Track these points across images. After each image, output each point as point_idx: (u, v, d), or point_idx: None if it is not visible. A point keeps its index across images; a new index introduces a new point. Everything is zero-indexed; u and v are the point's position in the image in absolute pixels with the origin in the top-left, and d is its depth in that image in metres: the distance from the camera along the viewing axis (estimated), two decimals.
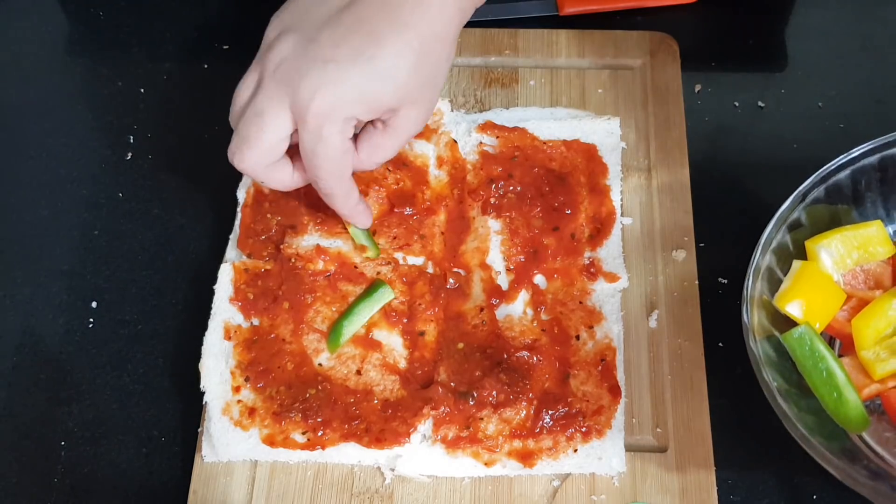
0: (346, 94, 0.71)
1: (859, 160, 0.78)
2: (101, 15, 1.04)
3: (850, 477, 0.67)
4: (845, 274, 0.78)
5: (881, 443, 0.73)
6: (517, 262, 0.84)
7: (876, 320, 0.74)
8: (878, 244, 0.78)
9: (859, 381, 0.74)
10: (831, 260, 0.77)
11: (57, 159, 0.95)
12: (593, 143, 0.89)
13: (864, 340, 0.74)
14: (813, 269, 0.76)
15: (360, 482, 0.77)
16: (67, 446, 0.81)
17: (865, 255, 0.77)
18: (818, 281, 0.75)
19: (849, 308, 0.77)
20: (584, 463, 0.76)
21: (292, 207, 0.86)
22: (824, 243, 0.77)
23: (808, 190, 0.77)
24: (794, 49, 0.98)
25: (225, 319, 0.82)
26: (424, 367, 0.80)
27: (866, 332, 0.74)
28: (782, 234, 0.77)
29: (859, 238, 0.77)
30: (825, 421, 0.72)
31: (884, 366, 0.73)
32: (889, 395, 0.73)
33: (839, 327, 0.76)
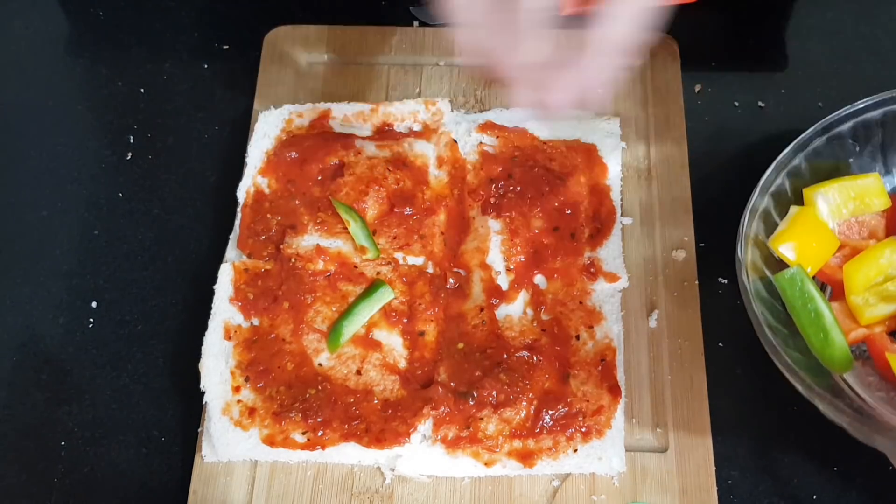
0: None
1: (862, 113, 0.79)
2: (101, 15, 1.04)
3: (835, 406, 0.68)
4: (840, 223, 0.79)
5: (864, 386, 0.75)
6: (517, 262, 0.84)
7: (867, 267, 0.75)
8: (874, 195, 0.79)
9: (847, 325, 0.75)
10: (828, 208, 0.78)
11: (57, 159, 0.95)
12: (593, 143, 0.89)
13: (854, 285, 0.75)
14: (809, 214, 0.77)
15: (360, 482, 0.77)
16: (67, 446, 0.81)
17: (861, 205, 0.78)
18: (813, 226, 0.77)
19: (841, 255, 0.77)
20: (584, 463, 0.76)
21: (292, 207, 0.86)
22: (822, 191, 0.78)
23: (810, 138, 0.78)
24: (794, 49, 0.98)
25: (225, 319, 0.82)
26: (424, 367, 0.80)
27: (857, 277, 0.75)
28: (781, 179, 0.78)
29: (856, 189, 0.78)
30: (811, 360, 0.74)
31: (872, 311, 0.74)
32: (875, 339, 0.75)
33: (831, 273, 0.77)
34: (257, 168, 0.89)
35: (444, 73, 0.96)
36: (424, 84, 0.95)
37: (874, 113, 0.78)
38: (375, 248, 0.84)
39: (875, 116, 0.79)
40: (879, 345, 0.74)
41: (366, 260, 0.84)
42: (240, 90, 0.97)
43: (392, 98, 0.94)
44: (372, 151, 0.88)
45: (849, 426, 0.68)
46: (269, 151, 0.90)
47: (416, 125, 0.91)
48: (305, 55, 0.97)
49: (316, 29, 0.99)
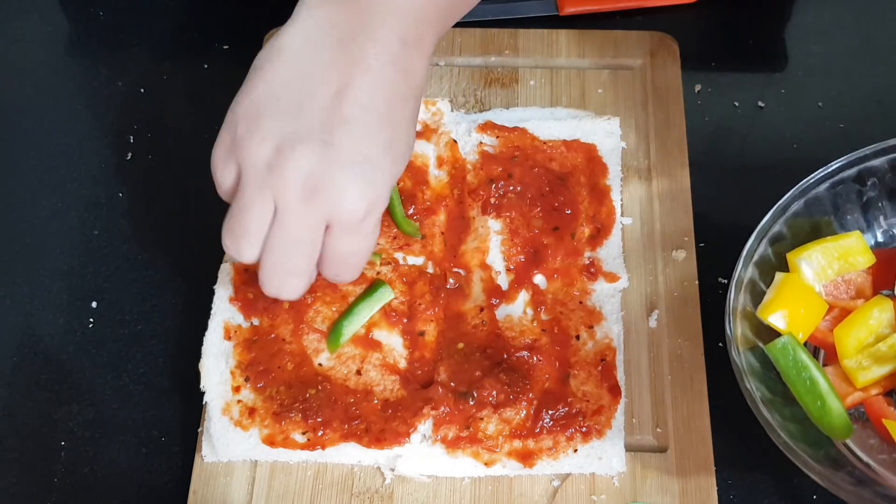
0: (386, 183, 0.70)
1: (837, 173, 0.79)
2: (101, 15, 1.04)
3: (834, 483, 0.68)
4: (827, 284, 0.79)
5: (865, 450, 0.74)
6: (517, 262, 0.84)
7: (857, 329, 0.75)
8: (857, 254, 0.78)
9: (842, 390, 0.74)
10: (812, 271, 0.78)
11: (57, 159, 0.95)
12: (593, 143, 0.89)
13: (846, 349, 0.75)
14: (795, 280, 0.77)
15: (360, 482, 0.77)
16: (67, 446, 0.81)
17: (846, 265, 0.78)
18: (800, 292, 0.76)
19: (831, 318, 0.77)
20: (584, 463, 0.76)
21: None
22: (805, 255, 0.77)
23: (788, 203, 0.78)
24: (794, 49, 0.98)
25: (225, 319, 0.82)
26: (424, 367, 0.80)
27: (848, 340, 0.75)
28: (764, 247, 0.78)
29: (839, 249, 0.78)
30: (809, 429, 0.73)
31: (866, 374, 0.74)
32: (872, 403, 0.74)
33: (822, 337, 0.77)
34: None
35: (444, 73, 0.96)
36: None
37: (849, 171, 0.79)
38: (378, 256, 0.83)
39: (850, 174, 0.79)
40: (877, 409, 0.74)
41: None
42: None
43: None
44: None
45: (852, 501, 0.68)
46: None
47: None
48: None
49: None
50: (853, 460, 0.73)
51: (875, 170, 0.79)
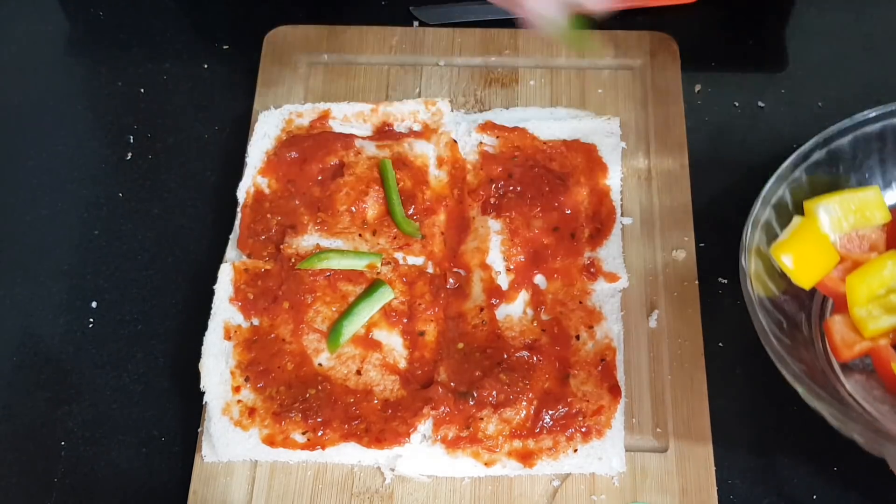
0: None
1: (861, 126, 0.79)
2: (101, 15, 1.04)
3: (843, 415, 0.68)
4: (842, 237, 0.79)
5: (869, 399, 0.75)
6: (517, 262, 0.84)
7: (871, 279, 0.75)
8: (874, 209, 0.79)
9: (850, 338, 0.75)
10: (829, 220, 0.78)
11: (57, 159, 0.95)
12: (593, 143, 0.89)
13: (857, 298, 0.75)
14: (811, 225, 0.77)
15: (360, 482, 0.77)
16: (67, 446, 0.81)
17: (862, 218, 0.78)
18: (814, 237, 0.77)
19: (843, 268, 0.77)
20: (584, 463, 0.76)
21: (292, 207, 0.86)
22: (823, 203, 0.78)
23: (810, 151, 0.78)
24: (794, 49, 0.98)
25: (225, 319, 0.82)
26: (424, 367, 0.80)
27: (860, 289, 0.75)
28: (783, 191, 0.78)
29: (857, 202, 0.78)
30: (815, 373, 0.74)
31: (875, 323, 0.74)
32: (879, 351, 0.74)
33: (833, 286, 0.77)
34: (257, 168, 0.89)
35: (444, 73, 0.96)
36: (424, 84, 0.95)
37: (873, 126, 0.79)
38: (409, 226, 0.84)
39: (874, 129, 0.79)
40: (884, 357, 0.74)
41: (367, 268, 0.83)
42: (240, 90, 0.97)
43: (392, 98, 0.94)
44: (372, 151, 0.88)
45: (859, 435, 0.68)
46: (269, 151, 0.90)
47: (416, 125, 0.91)
48: (305, 55, 0.97)
49: (316, 29, 0.99)
50: (857, 408, 0.74)
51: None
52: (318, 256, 0.83)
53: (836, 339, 0.76)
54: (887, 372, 0.73)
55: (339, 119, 0.92)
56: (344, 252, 0.84)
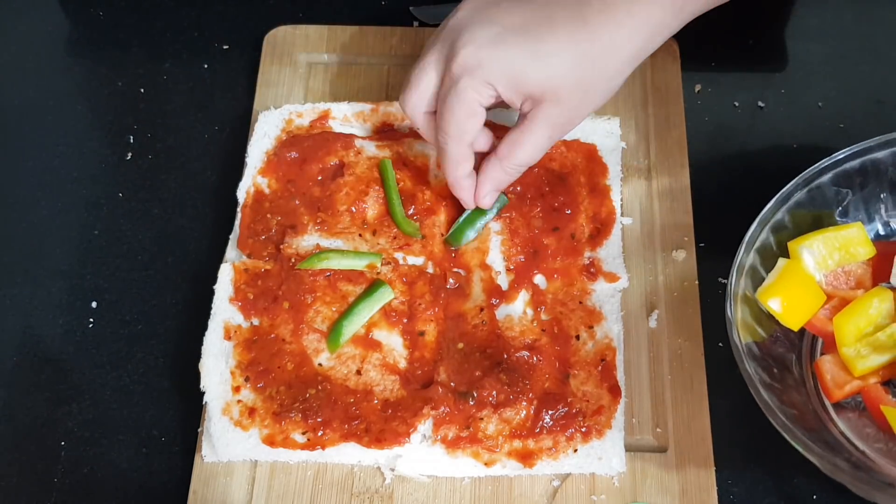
0: (496, 61, 0.71)
1: (841, 164, 0.79)
2: (101, 15, 1.04)
3: (833, 465, 0.68)
4: (827, 274, 0.79)
5: (861, 438, 0.75)
6: (517, 262, 0.84)
7: (857, 318, 0.75)
8: (858, 245, 0.79)
9: (840, 378, 0.75)
10: (813, 260, 0.78)
11: (57, 159, 0.95)
12: (593, 143, 0.89)
13: (845, 338, 0.75)
14: (796, 267, 0.77)
15: (360, 482, 0.77)
16: (67, 446, 0.81)
17: (847, 255, 0.79)
18: (800, 279, 0.77)
19: (830, 307, 0.78)
20: (584, 463, 0.76)
21: (292, 207, 0.86)
22: (807, 244, 0.78)
23: (791, 192, 0.78)
24: (794, 49, 0.98)
25: (225, 319, 0.82)
26: (424, 367, 0.80)
27: (848, 329, 0.75)
28: (766, 235, 0.78)
29: (840, 239, 0.78)
30: (807, 415, 0.74)
31: (864, 362, 0.74)
32: (870, 390, 0.75)
33: (821, 325, 0.77)
34: (257, 168, 0.89)
35: None
36: None
37: (853, 163, 0.79)
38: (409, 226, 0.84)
39: (853, 166, 0.79)
40: (874, 397, 0.74)
41: (367, 267, 0.83)
42: (240, 90, 0.97)
43: (392, 98, 0.94)
44: (372, 151, 0.88)
45: (849, 483, 0.69)
46: (269, 151, 0.90)
47: None
48: (305, 55, 0.97)
49: (316, 29, 0.99)
50: (849, 448, 0.74)
51: (878, 162, 0.79)
52: (318, 256, 0.83)
53: (827, 379, 0.76)
54: (877, 411, 0.73)
55: (339, 119, 0.92)
56: (344, 252, 0.84)
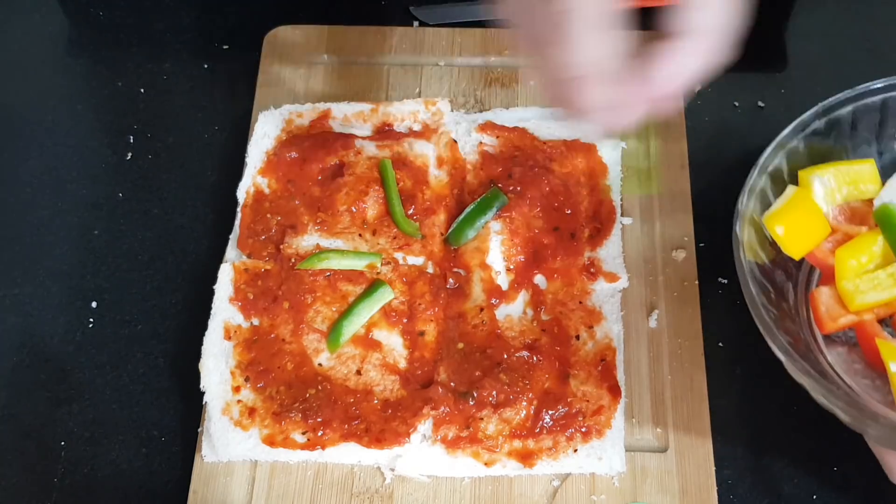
0: None
1: (862, 98, 0.79)
2: (101, 15, 1.04)
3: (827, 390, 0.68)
4: (834, 208, 0.79)
5: (849, 372, 0.75)
6: (517, 262, 0.84)
7: (860, 253, 0.75)
8: (868, 181, 0.79)
9: (835, 311, 0.75)
10: (823, 191, 0.78)
11: (57, 159, 0.95)
12: (593, 143, 0.89)
13: (845, 271, 0.75)
14: (804, 196, 0.77)
15: (360, 482, 0.77)
16: (67, 446, 0.81)
17: (855, 191, 0.78)
18: (807, 208, 0.77)
19: (834, 240, 0.77)
20: (584, 463, 0.76)
21: (292, 207, 0.86)
22: (818, 174, 0.78)
23: (809, 120, 0.78)
24: (794, 49, 0.98)
25: (225, 319, 0.82)
26: (424, 367, 0.80)
27: (849, 263, 0.75)
28: (780, 159, 0.78)
29: (852, 174, 0.78)
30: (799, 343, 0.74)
31: (862, 297, 0.74)
32: (864, 325, 0.75)
33: (822, 257, 0.77)
34: (257, 168, 0.89)
35: (444, 73, 0.96)
36: (424, 84, 0.95)
37: (874, 99, 0.79)
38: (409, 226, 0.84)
39: (875, 102, 0.79)
40: (869, 331, 0.74)
41: (367, 267, 0.83)
42: (240, 90, 0.97)
43: (392, 98, 0.94)
44: (372, 151, 0.88)
45: (842, 412, 0.68)
46: (269, 151, 0.90)
47: (416, 125, 0.91)
48: (305, 55, 0.97)
49: (316, 29, 0.99)
50: (838, 381, 0.74)
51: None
52: (318, 256, 0.83)
53: (822, 310, 0.76)
54: (871, 346, 0.73)
55: (339, 119, 0.92)
56: (344, 252, 0.84)
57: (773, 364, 0.76)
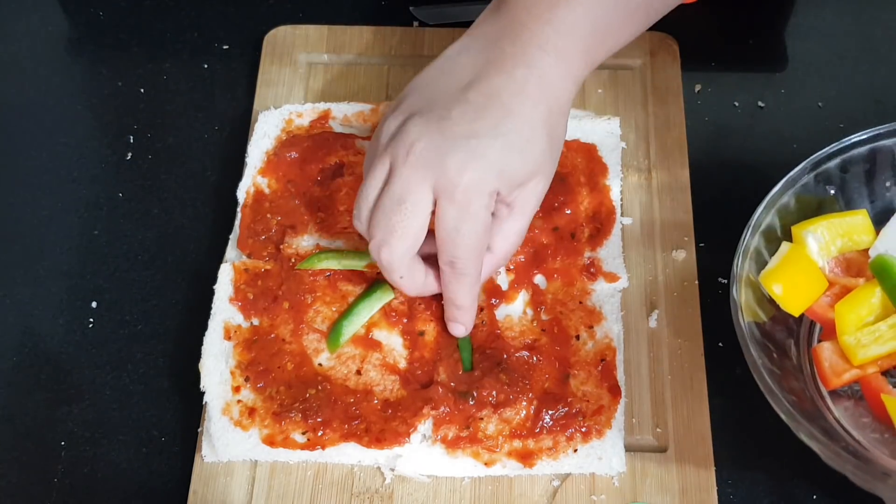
0: (490, 168, 0.71)
1: (849, 150, 0.79)
2: (101, 15, 1.04)
3: (834, 453, 0.68)
4: (829, 261, 0.79)
5: (857, 427, 0.75)
6: (517, 262, 0.84)
7: (859, 306, 0.75)
8: (862, 232, 0.78)
9: (839, 366, 0.75)
10: (817, 245, 0.78)
11: (57, 159, 0.95)
12: (593, 143, 0.89)
13: (846, 325, 0.75)
14: (799, 252, 0.77)
15: (360, 482, 0.77)
16: (67, 446, 0.81)
17: (850, 242, 0.78)
18: (803, 264, 0.76)
19: (832, 294, 0.77)
20: (584, 463, 0.76)
21: (292, 207, 0.86)
22: (811, 228, 0.78)
23: (798, 176, 0.78)
24: (794, 49, 0.98)
25: (225, 319, 0.82)
26: (424, 367, 0.80)
27: (849, 317, 0.75)
28: (772, 218, 0.78)
29: (845, 226, 0.78)
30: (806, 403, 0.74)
31: (864, 351, 0.74)
32: (869, 379, 0.74)
33: (822, 312, 0.77)
34: (257, 168, 0.89)
35: None
36: None
37: (861, 150, 0.79)
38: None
39: (862, 153, 0.79)
40: (874, 386, 0.74)
41: (368, 267, 0.83)
42: (240, 90, 0.97)
43: (392, 98, 0.94)
44: None
45: (851, 473, 0.68)
46: (269, 151, 0.90)
47: None
48: (305, 55, 0.97)
49: (316, 29, 0.99)
50: (846, 437, 0.74)
51: (886, 150, 0.79)
52: (317, 256, 0.83)
53: (825, 366, 0.75)
54: (877, 401, 0.73)
55: (339, 119, 0.92)
56: (344, 252, 0.84)
57: None
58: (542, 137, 0.73)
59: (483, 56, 0.73)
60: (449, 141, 0.70)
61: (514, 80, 0.72)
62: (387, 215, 0.72)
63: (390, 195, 0.71)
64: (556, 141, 0.75)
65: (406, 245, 0.73)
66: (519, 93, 0.72)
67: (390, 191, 0.71)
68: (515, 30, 0.73)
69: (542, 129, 0.73)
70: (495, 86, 0.72)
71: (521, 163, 0.72)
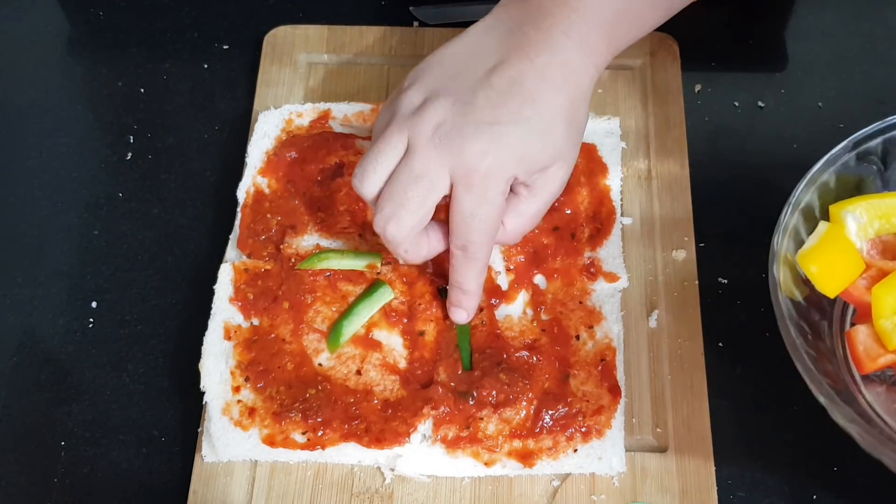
0: (511, 155, 0.72)
1: (892, 129, 0.78)
2: (101, 15, 1.04)
3: (875, 438, 0.66)
4: (867, 243, 0.78)
5: (890, 412, 0.74)
6: (517, 262, 0.84)
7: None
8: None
9: (874, 350, 0.73)
10: (856, 226, 0.77)
11: (57, 159, 0.95)
12: (593, 143, 0.89)
13: (882, 309, 0.73)
14: (837, 232, 0.76)
15: (360, 482, 0.77)
16: (67, 446, 0.81)
17: (888, 225, 0.77)
18: (841, 245, 0.75)
19: (869, 277, 0.75)
20: (584, 463, 0.76)
21: (292, 207, 0.86)
22: (850, 208, 0.76)
23: (840, 154, 0.77)
24: (794, 49, 0.98)
25: (225, 319, 0.82)
26: (424, 367, 0.80)
27: (886, 300, 0.73)
28: (811, 195, 0.77)
29: (884, 207, 0.77)
30: (839, 385, 0.73)
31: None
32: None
33: (858, 295, 0.75)
34: (257, 168, 0.89)
35: None
36: None
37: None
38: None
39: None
40: None
41: (368, 268, 0.83)
42: (240, 90, 0.97)
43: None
44: None
45: (891, 460, 0.68)
46: (269, 151, 0.90)
47: None
48: (305, 55, 0.97)
49: (316, 29, 0.99)
50: (879, 422, 0.73)
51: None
52: (317, 256, 0.83)
53: (860, 350, 0.74)
54: None
55: (339, 119, 0.92)
56: (344, 252, 0.84)
57: (773, 364, 0.76)
58: (563, 123, 0.73)
59: (507, 40, 0.73)
60: (472, 126, 0.71)
61: (537, 66, 0.72)
62: (403, 189, 0.72)
63: (408, 171, 0.72)
64: (578, 127, 0.76)
65: (416, 220, 0.73)
66: (541, 79, 0.72)
67: (408, 167, 0.72)
68: (541, 14, 0.73)
69: (563, 115, 0.73)
70: (518, 71, 0.72)
71: (542, 148, 0.73)
